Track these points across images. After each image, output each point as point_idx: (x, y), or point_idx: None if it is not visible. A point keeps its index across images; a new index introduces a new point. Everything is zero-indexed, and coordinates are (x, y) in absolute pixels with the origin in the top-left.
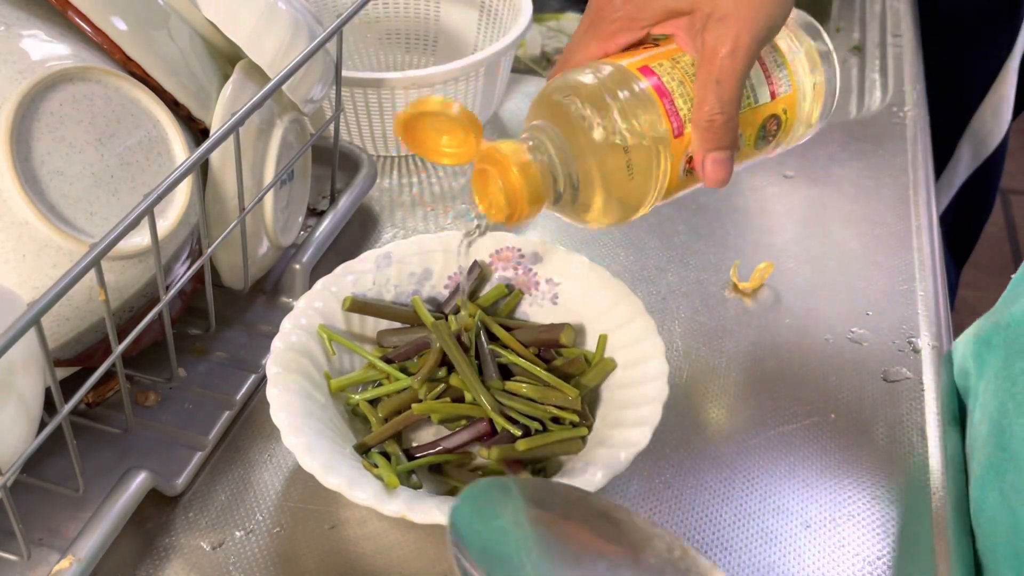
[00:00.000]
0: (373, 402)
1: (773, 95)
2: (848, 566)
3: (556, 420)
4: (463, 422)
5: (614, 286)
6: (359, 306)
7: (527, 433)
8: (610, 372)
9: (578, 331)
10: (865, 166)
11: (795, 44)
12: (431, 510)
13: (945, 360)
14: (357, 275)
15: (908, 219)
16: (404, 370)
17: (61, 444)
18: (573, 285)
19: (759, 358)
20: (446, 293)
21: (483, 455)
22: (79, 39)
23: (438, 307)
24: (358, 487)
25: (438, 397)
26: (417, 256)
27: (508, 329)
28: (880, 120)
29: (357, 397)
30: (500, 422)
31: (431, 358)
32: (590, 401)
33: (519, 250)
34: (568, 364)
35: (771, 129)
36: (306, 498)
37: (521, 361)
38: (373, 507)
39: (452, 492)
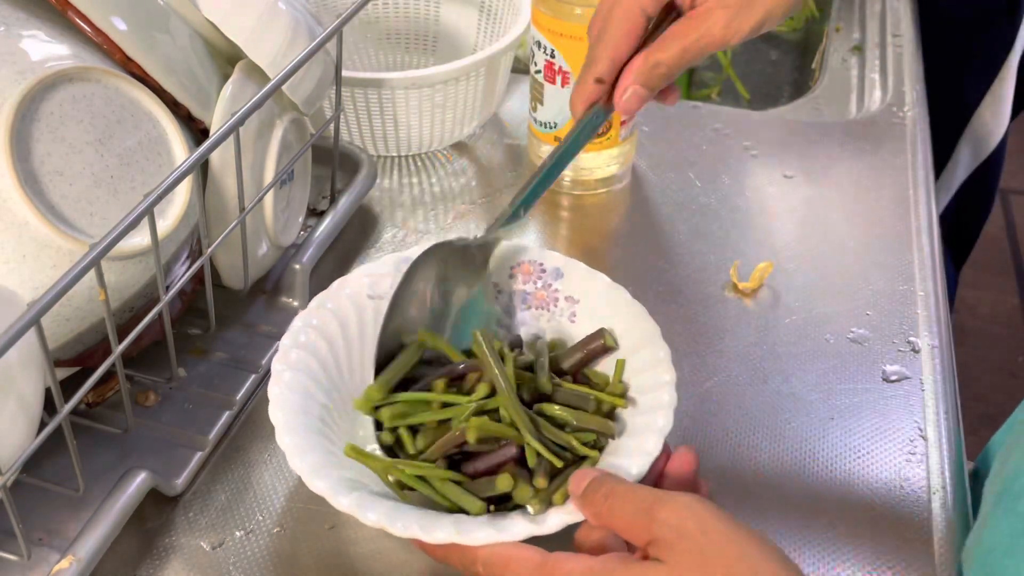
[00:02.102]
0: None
1: None
2: (848, 567)
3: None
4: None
5: (633, 309)
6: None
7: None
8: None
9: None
10: (865, 166)
11: None
12: (411, 525)
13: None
14: (374, 278)
15: (908, 219)
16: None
17: (61, 444)
18: (592, 305)
19: (759, 358)
20: None
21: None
22: (79, 39)
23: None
24: (342, 494)
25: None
26: None
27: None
28: (880, 120)
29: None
30: (538, 449)
31: (481, 390)
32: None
33: (541, 264)
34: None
35: None
36: (306, 498)
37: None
38: (353, 515)
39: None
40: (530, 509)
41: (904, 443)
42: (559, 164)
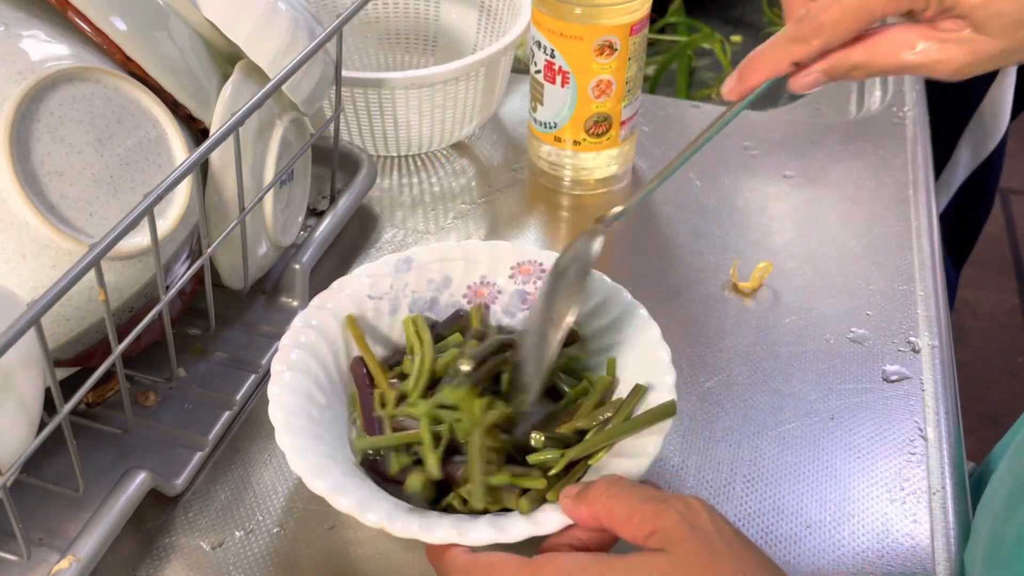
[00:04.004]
0: None
1: None
2: (848, 566)
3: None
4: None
5: (632, 309)
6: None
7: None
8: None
9: (592, 352)
10: (865, 166)
11: None
12: (410, 525)
13: None
14: (374, 278)
15: (908, 219)
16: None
17: (61, 444)
18: (591, 305)
19: (759, 358)
20: (463, 302)
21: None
22: (79, 39)
23: (448, 319)
24: (342, 494)
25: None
26: (438, 263)
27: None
28: (880, 120)
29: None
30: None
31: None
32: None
33: (541, 264)
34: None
35: None
36: (306, 498)
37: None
38: (353, 516)
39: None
40: (519, 509)
41: (904, 443)
42: (710, 137)
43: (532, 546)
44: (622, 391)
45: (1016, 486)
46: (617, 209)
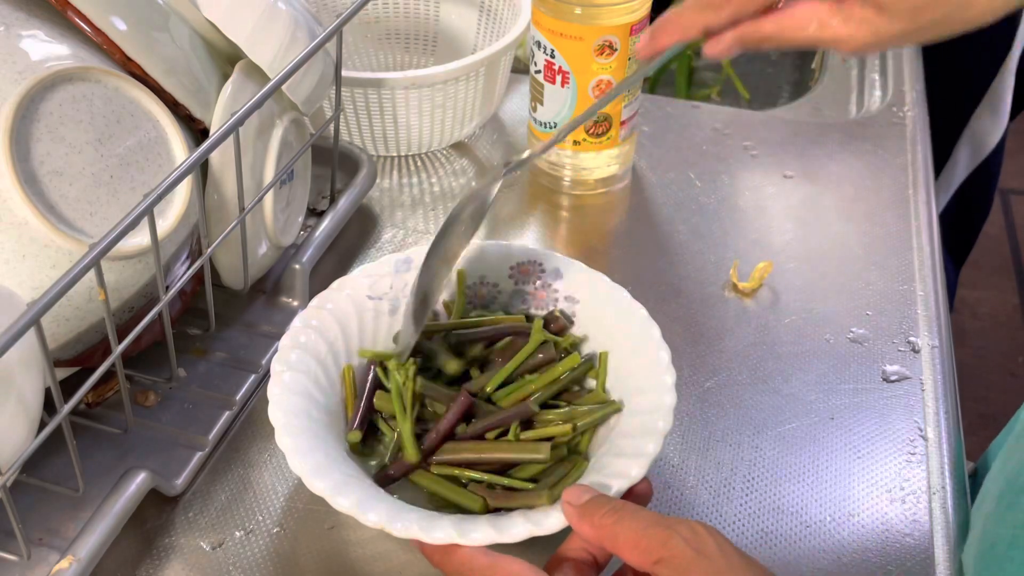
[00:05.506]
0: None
1: None
2: (848, 566)
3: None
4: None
5: (633, 310)
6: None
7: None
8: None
9: (590, 351)
10: (865, 166)
11: None
12: (410, 525)
13: None
14: (374, 278)
15: (908, 219)
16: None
17: (61, 444)
18: (591, 305)
19: (759, 358)
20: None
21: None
22: (79, 39)
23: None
24: (342, 494)
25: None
26: None
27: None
28: (880, 120)
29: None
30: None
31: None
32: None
33: (541, 264)
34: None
35: None
36: (306, 498)
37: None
38: (353, 516)
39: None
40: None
41: (904, 443)
42: (617, 93)
43: (532, 545)
44: (614, 386)
45: (1007, 487)
46: (520, 156)
